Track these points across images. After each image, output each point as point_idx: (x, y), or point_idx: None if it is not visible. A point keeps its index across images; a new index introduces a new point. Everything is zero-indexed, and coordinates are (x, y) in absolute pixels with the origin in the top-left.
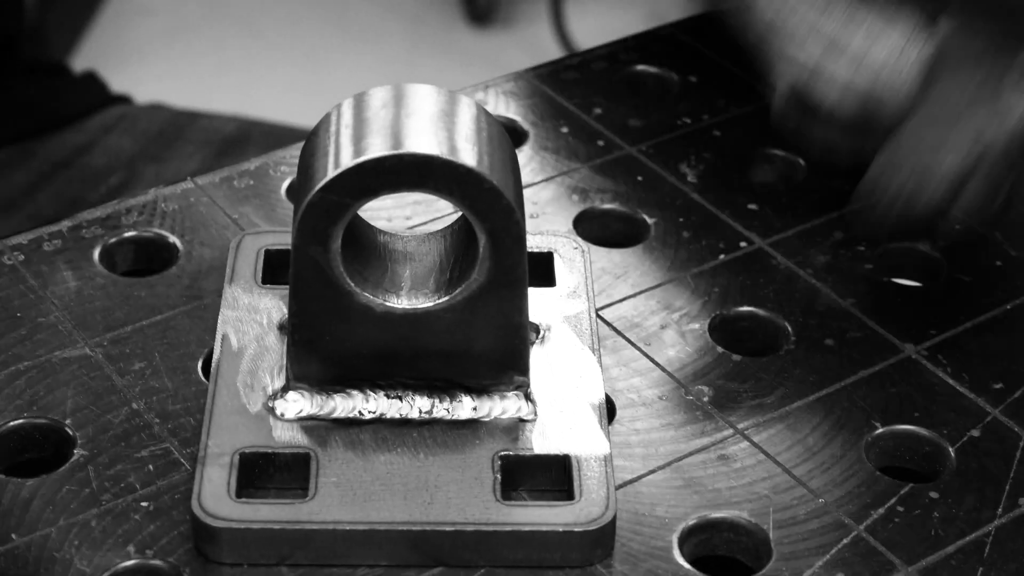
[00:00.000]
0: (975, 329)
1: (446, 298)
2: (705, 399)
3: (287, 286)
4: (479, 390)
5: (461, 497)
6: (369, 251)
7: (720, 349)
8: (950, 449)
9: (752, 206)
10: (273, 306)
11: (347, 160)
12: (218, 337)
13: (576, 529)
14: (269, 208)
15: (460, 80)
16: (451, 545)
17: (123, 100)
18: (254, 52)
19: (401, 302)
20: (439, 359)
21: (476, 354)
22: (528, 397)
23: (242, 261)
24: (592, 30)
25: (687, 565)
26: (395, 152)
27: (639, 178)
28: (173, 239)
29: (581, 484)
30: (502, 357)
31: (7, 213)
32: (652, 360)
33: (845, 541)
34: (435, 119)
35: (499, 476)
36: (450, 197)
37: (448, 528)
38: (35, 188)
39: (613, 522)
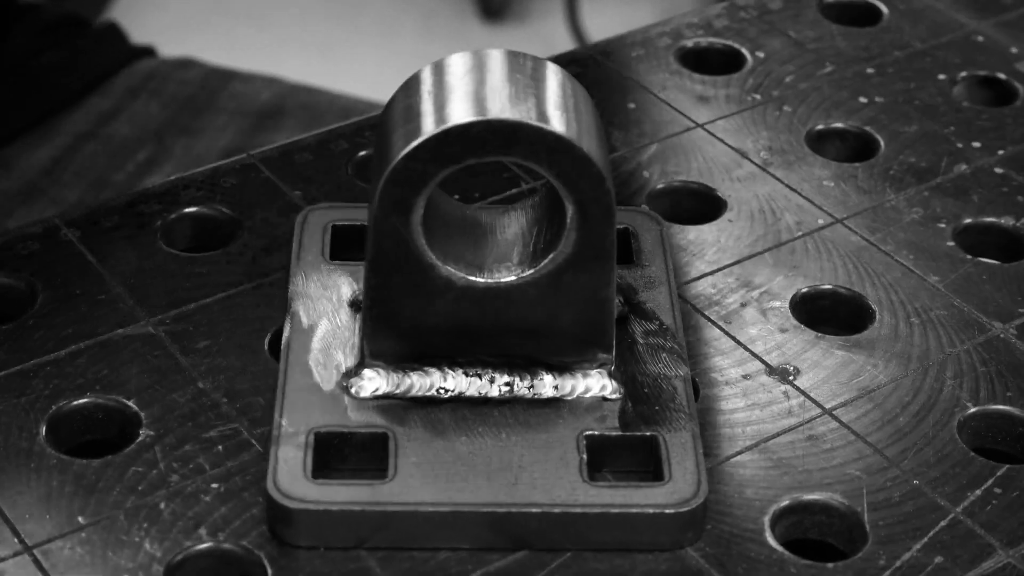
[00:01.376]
0: None
1: (530, 271)
2: (790, 378)
3: (357, 262)
4: (561, 368)
5: (546, 478)
6: (449, 224)
7: (803, 327)
8: None
9: (828, 182)
10: (344, 282)
11: (431, 127)
12: (288, 314)
13: (667, 511)
14: (331, 184)
15: None
16: (537, 527)
17: (147, 52)
18: (264, 47)
19: (483, 276)
20: (520, 335)
21: (559, 330)
22: (612, 375)
23: (309, 237)
24: (606, 25)
25: (780, 548)
26: (482, 118)
27: (711, 154)
28: (233, 215)
29: (670, 465)
30: (586, 333)
31: (29, 198)
32: (734, 339)
33: (942, 524)
34: (522, 85)
35: (585, 457)
36: (538, 165)
37: (535, 510)
38: (58, 166)
39: (704, 504)
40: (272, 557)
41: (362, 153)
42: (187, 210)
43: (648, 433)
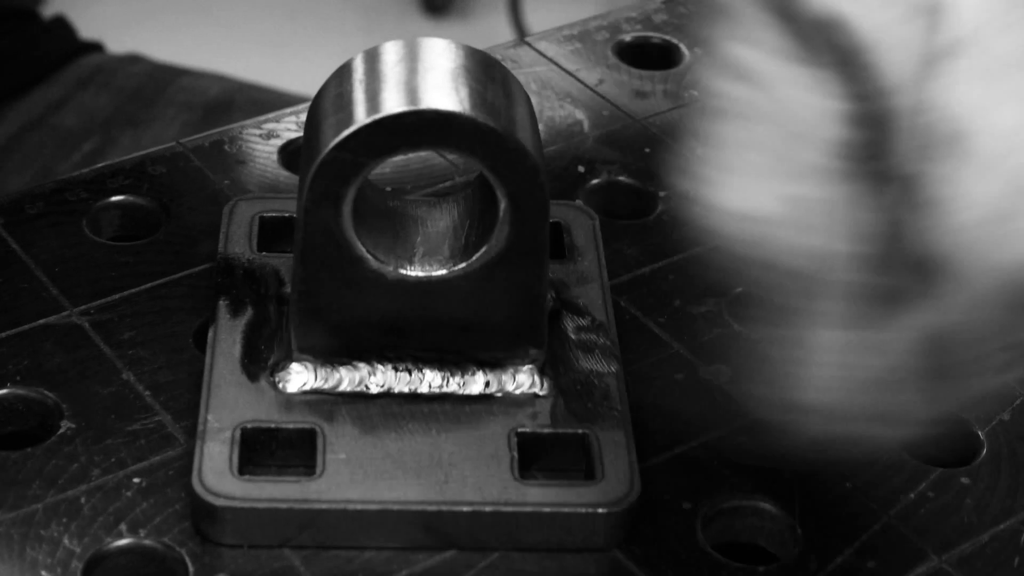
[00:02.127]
0: None
1: (462, 265)
2: (724, 379)
3: (284, 254)
4: (492, 364)
5: (477, 476)
6: (379, 215)
7: (737, 327)
8: (980, 433)
9: None
10: (271, 275)
11: (362, 116)
12: (213, 306)
13: (600, 510)
14: (260, 174)
15: None
16: (467, 527)
17: (95, 48)
18: (206, 44)
19: (414, 269)
20: (451, 330)
21: (491, 326)
22: (543, 371)
23: (236, 228)
24: (549, 20)
25: (711, 550)
26: (415, 108)
27: (647, 150)
28: (161, 204)
29: (603, 464)
30: (518, 329)
31: None
32: (667, 338)
33: (875, 528)
34: (455, 74)
35: (516, 454)
36: (472, 156)
37: (465, 508)
38: (2, 154)
39: (637, 504)
40: (195, 554)
41: (292, 141)
42: (114, 198)
43: (580, 431)
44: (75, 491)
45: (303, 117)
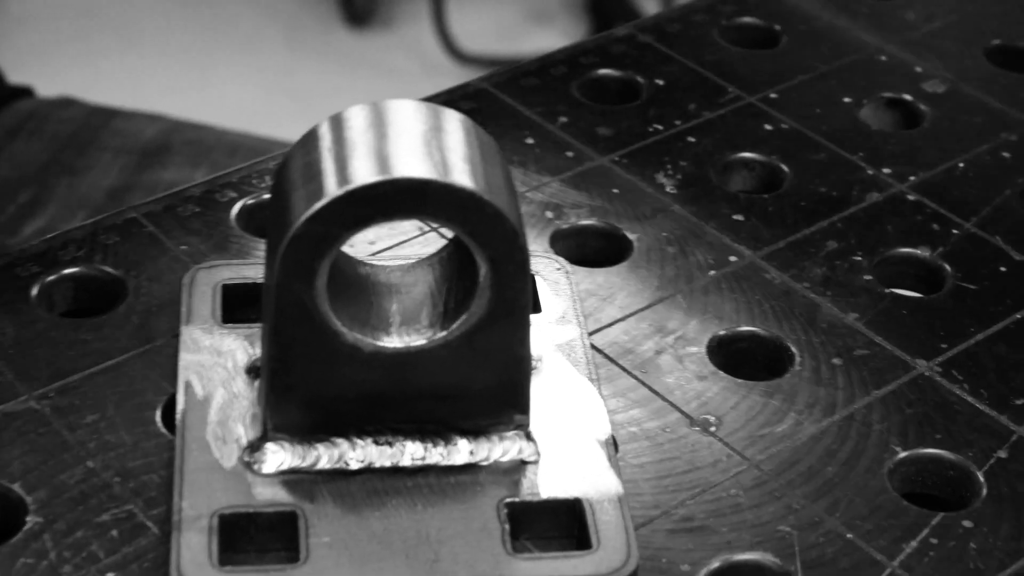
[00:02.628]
0: (987, 341)
1: (442, 333)
2: (712, 429)
3: (251, 325)
4: (476, 432)
5: (468, 552)
6: (351, 285)
7: (722, 373)
8: (978, 473)
9: (738, 216)
10: (238, 347)
11: (334, 187)
12: (180, 385)
13: None
14: (219, 237)
15: (342, 84)
16: None
17: (25, 92)
18: (126, 57)
19: (392, 340)
20: (432, 400)
21: (473, 393)
22: (529, 436)
23: (198, 298)
24: (474, 30)
25: None
26: (387, 177)
27: (615, 190)
28: (117, 274)
29: (597, 530)
30: (501, 394)
31: None
32: (651, 389)
33: None
34: (425, 138)
35: (507, 526)
36: (449, 224)
37: None
38: None
39: (635, 572)
40: None
41: (249, 202)
42: (66, 271)
43: (572, 497)
44: None
45: (257, 172)
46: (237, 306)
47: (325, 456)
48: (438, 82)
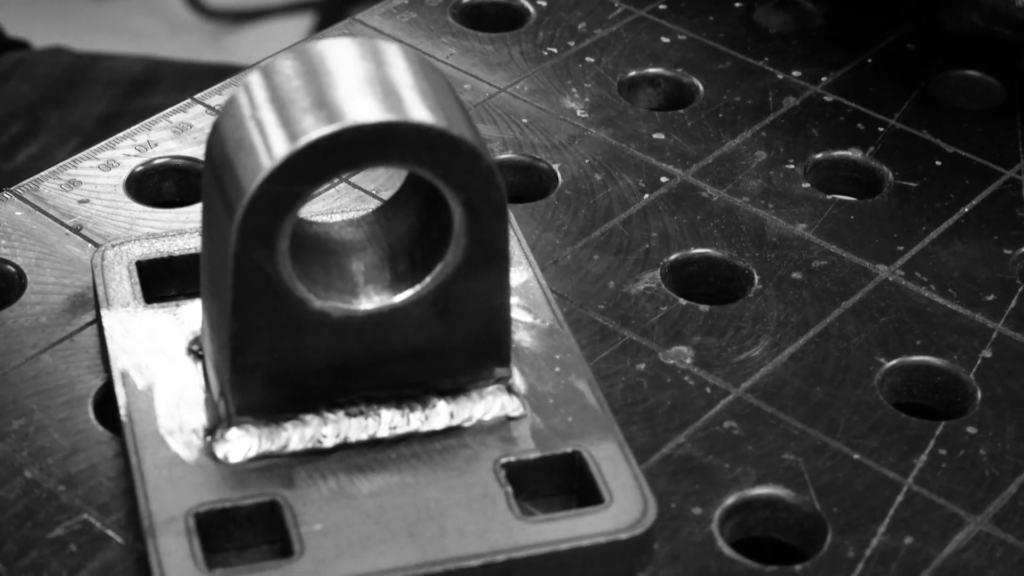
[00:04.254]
0: (942, 239)
1: (415, 288)
2: (688, 361)
3: (178, 302)
4: (454, 391)
5: (475, 522)
6: (304, 247)
7: (684, 301)
8: (970, 376)
9: (658, 135)
10: (170, 328)
11: (291, 141)
12: (116, 376)
13: (623, 536)
14: (111, 210)
15: (90, 46)
16: None
17: (21, 45)
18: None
19: (361, 302)
20: (407, 362)
21: (451, 349)
22: (511, 390)
23: (112, 280)
24: None
25: (738, 556)
26: (350, 124)
27: (524, 120)
28: (11, 264)
29: (606, 482)
30: (480, 348)
31: None
32: (615, 326)
33: (899, 500)
34: (375, 77)
35: (509, 489)
36: (418, 167)
37: (475, 563)
38: None
39: (656, 521)
40: None
41: (138, 168)
42: None
43: (569, 449)
44: None
45: (140, 139)
46: (155, 284)
47: (296, 436)
48: (186, 42)
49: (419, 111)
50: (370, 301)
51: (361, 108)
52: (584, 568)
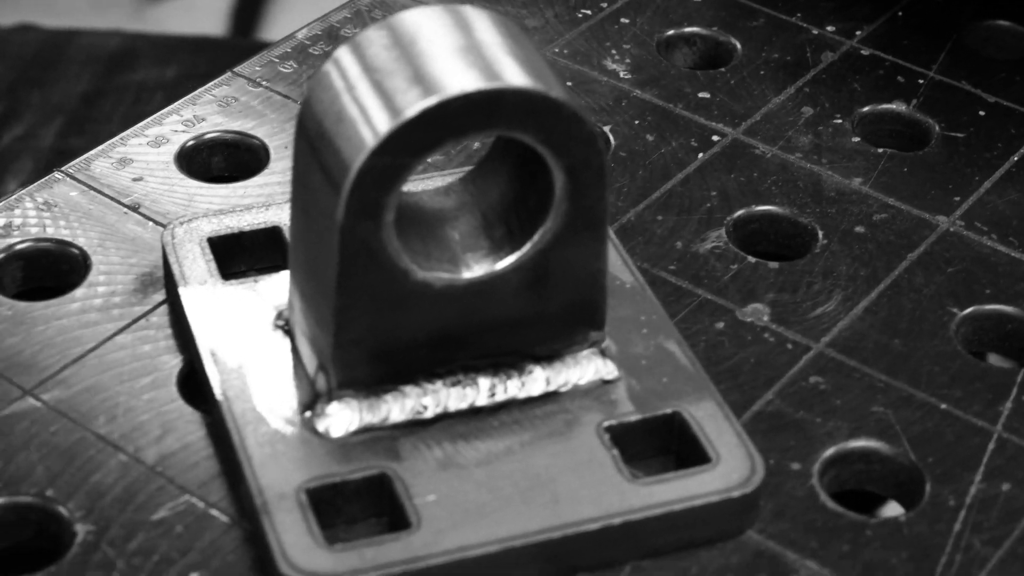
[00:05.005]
0: (996, 188)
1: (515, 256)
2: (765, 318)
3: (255, 278)
4: (549, 357)
5: (587, 487)
6: (402, 218)
7: (753, 259)
8: None
9: (703, 94)
10: (252, 302)
11: (394, 114)
12: (205, 355)
13: (734, 494)
14: (166, 187)
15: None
16: (595, 547)
17: None
18: None
19: (462, 271)
20: (505, 330)
21: (548, 315)
22: (604, 353)
23: (185, 257)
24: None
25: (842, 509)
26: (460, 92)
27: (568, 83)
28: (73, 246)
29: (711, 442)
30: (576, 314)
31: None
32: (688, 286)
33: (991, 447)
34: (469, 46)
35: (616, 452)
36: (523, 133)
37: (592, 527)
38: None
39: (765, 478)
40: None
41: (189, 143)
42: (19, 245)
43: (669, 410)
44: None
45: (186, 114)
46: (227, 260)
47: (396, 408)
48: (113, 18)
49: (522, 77)
50: (471, 270)
51: (465, 77)
52: (697, 528)
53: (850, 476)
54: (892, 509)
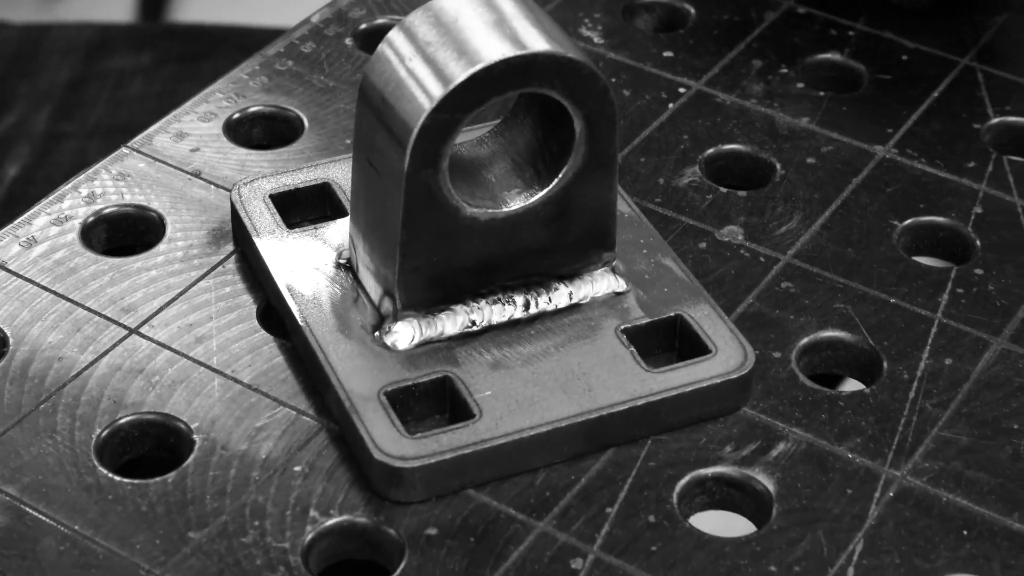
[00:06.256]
0: (921, 120)
1: (544, 192)
2: (740, 237)
3: (316, 225)
4: (571, 275)
5: (614, 377)
6: (449, 166)
7: (724, 190)
8: (967, 229)
9: (667, 53)
10: (316, 247)
11: (454, 75)
12: (284, 291)
13: (732, 377)
14: (220, 155)
15: None
16: (623, 425)
17: None
18: None
19: (501, 207)
20: (535, 254)
21: (568, 241)
22: (615, 270)
23: (254, 212)
24: None
25: (820, 387)
26: (502, 57)
27: None
28: (151, 210)
29: (709, 337)
30: (591, 239)
31: None
32: (673, 214)
33: (934, 331)
34: (501, 21)
35: (633, 348)
36: (551, 90)
37: (620, 409)
38: None
39: (755, 363)
40: (393, 519)
41: (234, 116)
42: (107, 210)
43: (672, 314)
44: (247, 495)
45: (228, 91)
46: (286, 213)
47: (449, 323)
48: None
49: (548, 44)
50: (508, 205)
51: (503, 46)
52: (703, 405)
53: (821, 361)
54: (850, 386)
